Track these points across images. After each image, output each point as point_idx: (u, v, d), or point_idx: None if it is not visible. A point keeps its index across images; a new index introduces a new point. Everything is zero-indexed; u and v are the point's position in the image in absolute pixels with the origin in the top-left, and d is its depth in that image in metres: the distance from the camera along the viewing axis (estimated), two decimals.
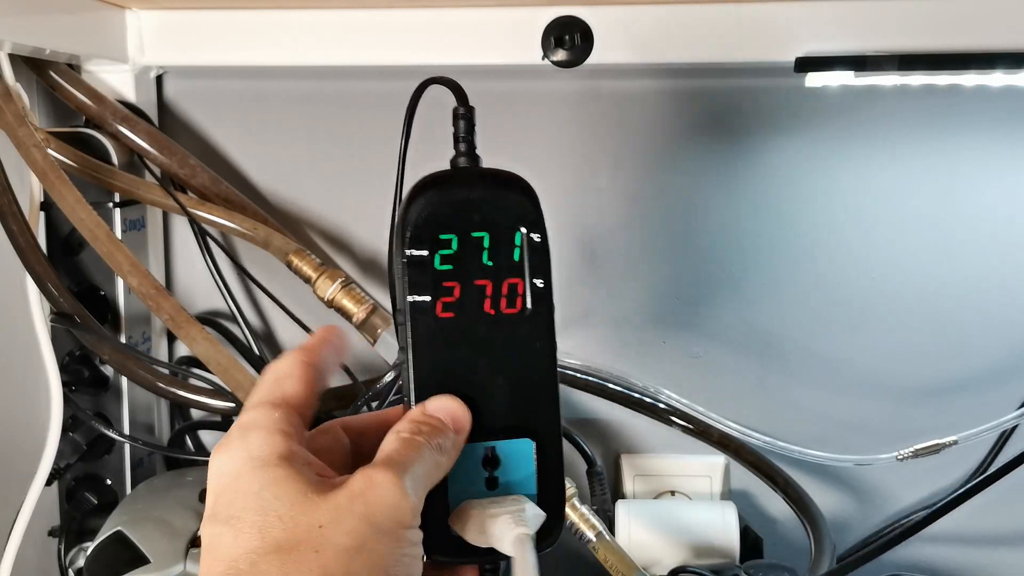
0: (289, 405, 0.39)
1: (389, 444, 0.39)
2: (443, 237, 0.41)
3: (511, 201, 0.42)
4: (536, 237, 0.42)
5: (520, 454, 0.42)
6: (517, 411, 0.42)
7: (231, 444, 0.38)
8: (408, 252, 0.41)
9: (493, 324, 0.42)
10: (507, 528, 0.39)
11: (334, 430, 0.43)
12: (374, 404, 0.75)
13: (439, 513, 0.39)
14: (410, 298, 0.41)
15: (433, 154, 0.47)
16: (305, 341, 0.43)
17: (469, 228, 0.41)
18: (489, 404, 0.42)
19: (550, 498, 0.42)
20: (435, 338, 0.41)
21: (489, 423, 0.42)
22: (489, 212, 0.42)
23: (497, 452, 0.42)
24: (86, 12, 0.78)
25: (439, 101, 0.47)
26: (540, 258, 0.42)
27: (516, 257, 0.42)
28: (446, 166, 0.44)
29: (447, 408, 0.41)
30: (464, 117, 0.44)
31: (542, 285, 0.42)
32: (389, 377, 0.75)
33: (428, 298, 0.41)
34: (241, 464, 0.37)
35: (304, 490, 0.36)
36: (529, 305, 0.42)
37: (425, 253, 0.41)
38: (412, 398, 0.41)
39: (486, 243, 0.42)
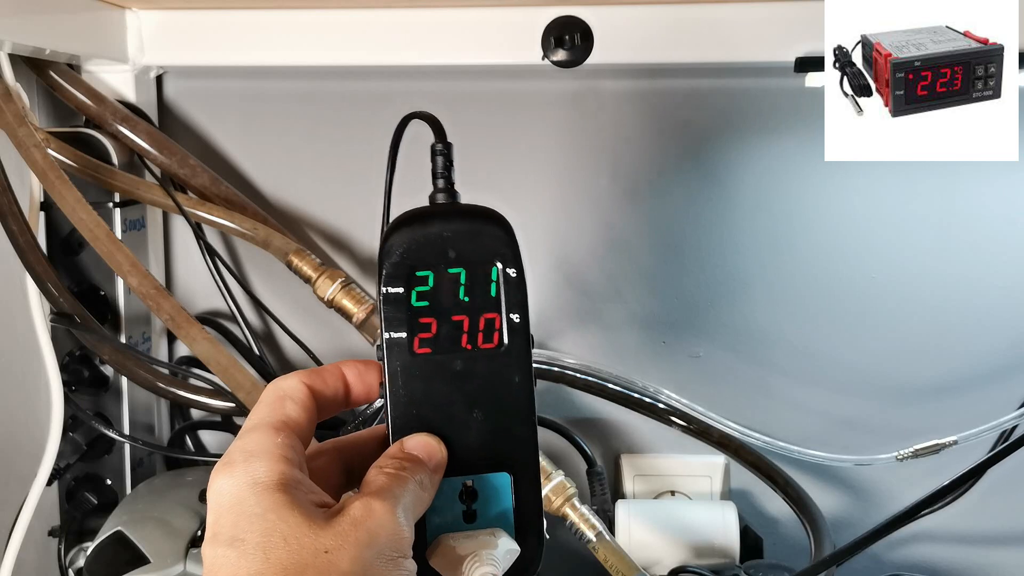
0: (290, 429, 0.39)
1: (377, 477, 0.39)
2: (419, 274, 0.41)
3: (487, 236, 0.42)
4: (512, 272, 0.42)
5: (497, 488, 0.42)
6: (495, 445, 0.42)
7: (234, 468, 0.37)
8: (384, 289, 0.41)
9: (470, 359, 0.42)
10: (474, 566, 0.39)
11: (328, 452, 0.43)
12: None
13: (418, 547, 0.39)
14: (387, 335, 0.41)
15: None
16: (319, 367, 0.43)
17: (445, 264, 0.41)
18: (467, 438, 0.42)
19: (527, 532, 0.42)
20: (412, 374, 0.41)
21: (467, 457, 0.42)
22: (465, 248, 0.41)
23: (475, 486, 0.42)
24: (86, 12, 0.78)
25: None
26: (516, 293, 0.42)
27: (492, 292, 0.42)
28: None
29: (425, 446, 0.41)
30: (442, 153, 0.43)
31: (519, 319, 0.42)
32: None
33: (404, 335, 0.41)
34: (244, 488, 0.37)
35: (307, 515, 0.36)
36: (506, 340, 0.42)
37: (401, 290, 0.41)
38: (391, 433, 0.41)
39: (463, 279, 0.42)
